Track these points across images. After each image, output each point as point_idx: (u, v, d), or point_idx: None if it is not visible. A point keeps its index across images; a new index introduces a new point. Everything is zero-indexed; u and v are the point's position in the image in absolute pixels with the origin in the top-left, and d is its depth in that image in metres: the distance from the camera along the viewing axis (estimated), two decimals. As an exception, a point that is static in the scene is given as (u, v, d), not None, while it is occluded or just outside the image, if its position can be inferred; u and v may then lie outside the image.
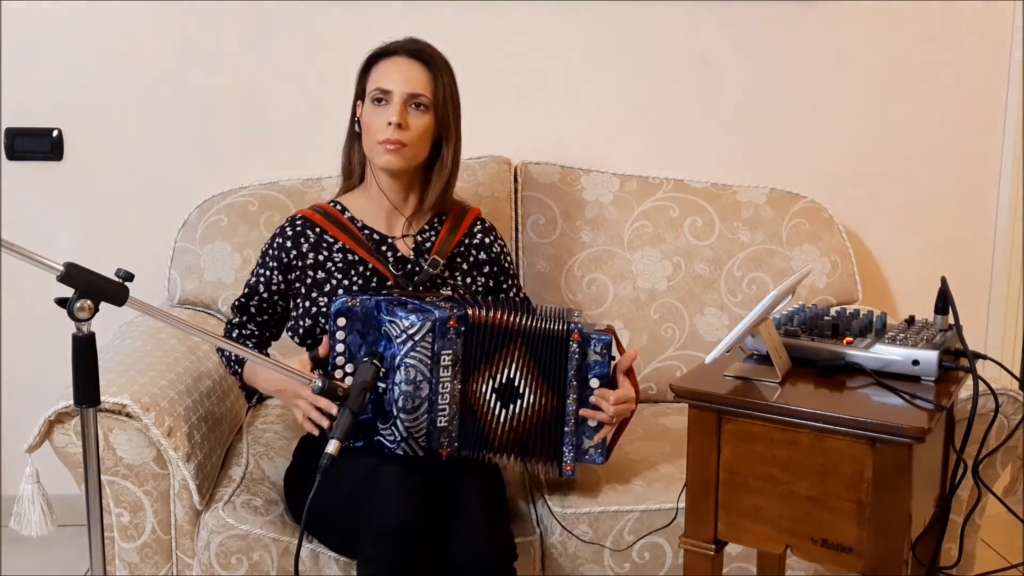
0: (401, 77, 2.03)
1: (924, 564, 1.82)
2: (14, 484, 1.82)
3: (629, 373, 2.03)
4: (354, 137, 2.13)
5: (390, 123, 2.00)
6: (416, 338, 1.88)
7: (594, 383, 1.98)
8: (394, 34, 2.10)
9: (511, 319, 1.95)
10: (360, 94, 2.10)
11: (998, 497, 1.86)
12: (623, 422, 2.04)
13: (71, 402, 1.72)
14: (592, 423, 2.00)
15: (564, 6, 2.79)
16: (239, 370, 2.08)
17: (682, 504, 1.75)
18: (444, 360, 1.91)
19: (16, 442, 2.13)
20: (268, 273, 2.09)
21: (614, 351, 2.00)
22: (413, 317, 1.88)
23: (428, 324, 1.89)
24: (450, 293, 2.07)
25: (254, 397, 2.16)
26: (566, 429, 1.99)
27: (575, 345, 1.97)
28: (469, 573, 1.84)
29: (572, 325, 1.97)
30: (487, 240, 2.19)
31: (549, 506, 2.10)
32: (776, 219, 2.70)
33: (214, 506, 2.04)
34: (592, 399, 1.99)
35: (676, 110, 2.87)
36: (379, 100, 2.03)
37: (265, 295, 2.10)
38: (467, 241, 2.16)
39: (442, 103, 2.05)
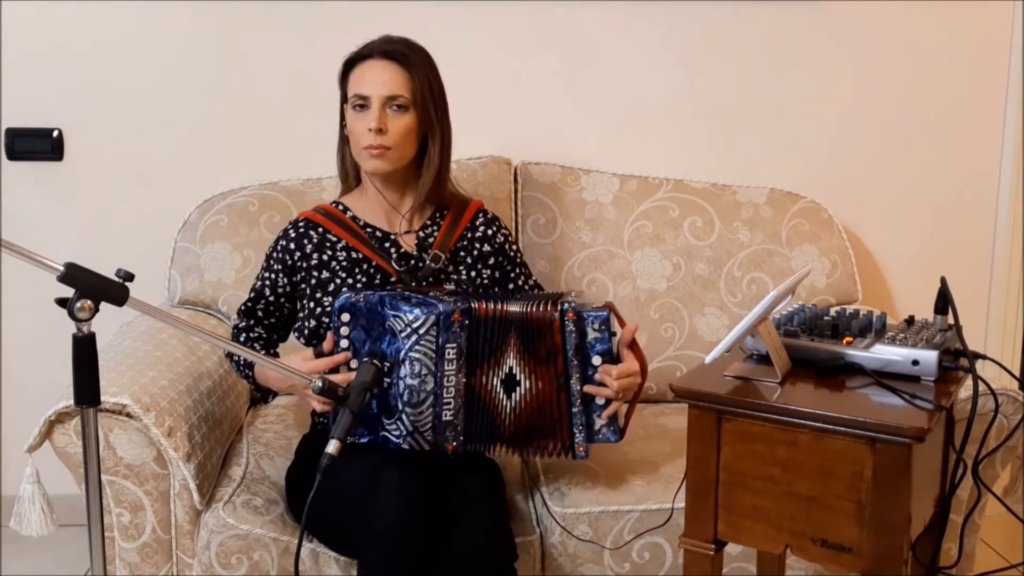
0: (377, 80, 2.02)
1: (924, 564, 1.82)
2: (14, 484, 1.82)
3: (634, 347, 2.02)
4: (344, 140, 2.14)
5: (371, 129, 2.00)
6: (420, 332, 1.89)
7: (596, 360, 1.97)
8: (394, 33, 2.10)
9: (507, 308, 1.95)
10: (344, 98, 2.10)
11: (998, 497, 1.86)
12: (633, 397, 2.03)
13: (71, 402, 1.73)
14: (600, 401, 1.99)
15: (564, 6, 2.79)
16: (250, 373, 2.08)
17: (678, 504, 1.75)
18: (449, 353, 1.91)
19: (16, 442, 2.13)
20: (273, 276, 2.09)
21: (615, 327, 1.99)
22: (417, 311, 1.89)
23: (432, 318, 1.89)
24: (453, 287, 2.08)
25: (269, 396, 2.17)
26: (574, 410, 1.98)
27: (571, 324, 1.95)
28: (469, 573, 1.84)
29: (567, 305, 1.95)
30: (489, 231, 2.19)
31: (549, 506, 2.10)
32: (776, 219, 2.70)
33: (214, 506, 2.04)
34: (596, 376, 1.98)
35: (676, 110, 2.87)
36: (359, 106, 2.03)
37: (272, 298, 2.10)
38: (469, 234, 2.16)
39: (421, 100, 2.03)
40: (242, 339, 2.11)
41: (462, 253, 2.15)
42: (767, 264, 2.66)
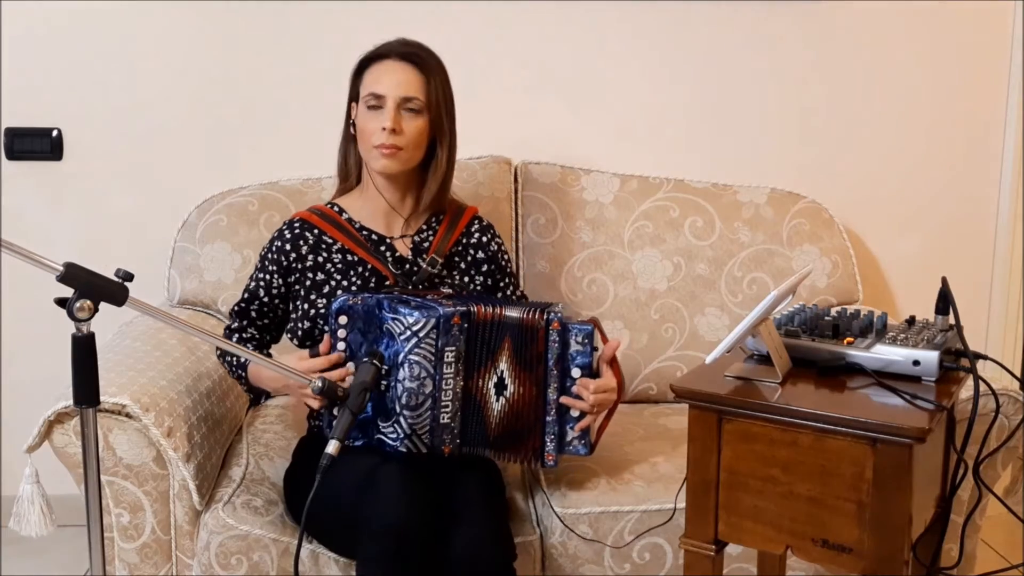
0: (394, 81, 2.03)
1: (925, 564, 1.82)
2: (14, 484, 1.82)
3: (613, 364, 2.03)
4: (349, 139, 2.13)
5: (385, 128, 2.00)
6: (421, 335, 1.88)
7: (576, 373, 1.98)
8: (395, 33, 2.10)
9: (502, 313, 1.96)
10: (354, 96, 2.10)
11: (999, 497, 1.86)
12: (608, 413, 2.04)
13: (71, 402, 1.72)
14: (574, 413, 2.00)
15: (564, 6, 2.79)
16: (243, 374, 2.08)
17: (680, 504, 1.75)
18: (448, 356, 1.91)
19: (16, 442, 2.13)
20: (268, 277, 2.09)
21: (597, 342, 2.00)
22: (417, 314, 1.88)
23: (432, 321, 1.89)
24: (450, 291, 2.07)
25: (261, 398, 2.16)
26: (548, 419, 1.99)
27: (555, 334, 1.96)
28: (469, 573, 1.84)
29: (552, 315, 1.97)
30: (484, 239, 2.19)
31: (551, 505, 2.09)
32: (776, 219, 2.70)
33: (214, 506, 2.03)
34: (573, 389, 1.98)
35: (676, 110, 2.87)
36: (373, 105, 2.03)
37: (265, 299, 2.09)
38: (464, 240, 2.17)
39: (435, 104, 2.05)
40: (234, 340, 2.10)
41: (456, 259, 2.15)
42: (768, 264, 2.66)
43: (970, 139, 2.95)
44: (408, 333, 1.88)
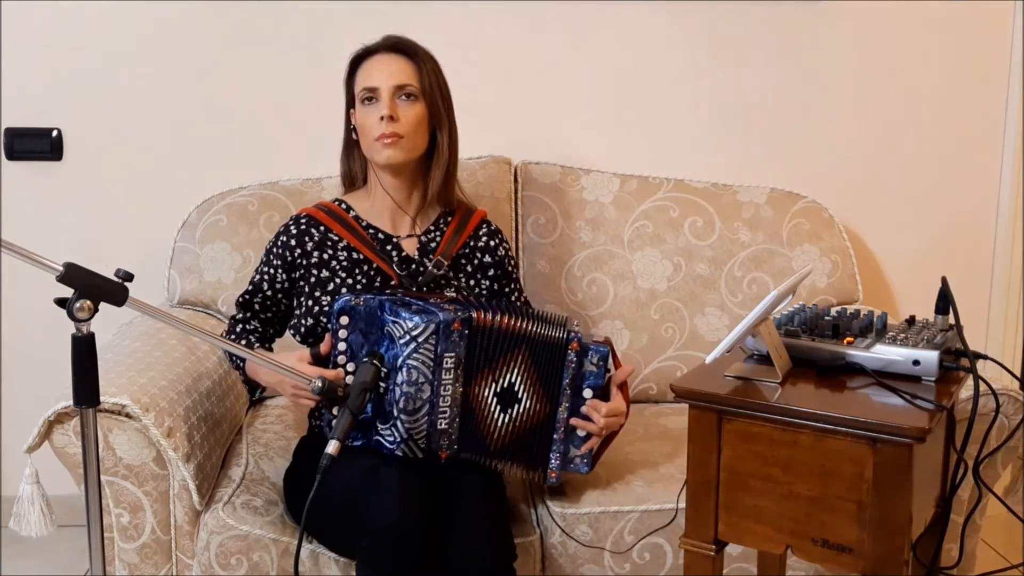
0: (385, 72, 2.03)
1: (925, 564, 1.82)
2: (14, 484, 1.82)
3: (622, 386, 2.04)
4: (351, 144, 2.14)
5: (382, 117, 2.00)
6: (419, 340, 1.88)
7: (587, 393, 1.99)
8: (394, 32, 2.10)
9: (516, 323, 1.95)
10: (350, 100, 2.10)
11: (999, 497, 1.86)
12: (610, 434, 2.05)
13: (71, 402, 1.72)
14: (581, 433, 2.00)
15: (564, 6, 2.79)
16: (242, 364, 2.08)
17: (682, 504, 1.75)
18: (447, 362, 1.90)
19: (16, 442, 2.13)
20: (272, 271, 2.09)
21: (610, 363, 2.01)
22: (417, 318, 1.88)
23: (432, 326, 1.88)
24: (454, 295, 2.07)
25: (257, 391, 2.16)
26: (555, 436, 2.00)
27: (573, 354, 1.97)
28: (469, 574, 1.84)
29: (572, 334, 1.98)
30: (492, 243, 2.18)
31: (549, 507, 2.09)
32: (776, 219, 2.70)
33: (214, 506, 2.03)
34: (584, 409, 1.99)
35: (676, 110, 2.87)
36: (368, 99, 2.04)
37: (269, 293, 2.10)
38: (472, 243, 2.16)
39: (430, 90, 2.05)
40: (238, 329, 2.10)
41: (463, 261, 2.14)
42: (768, 264, 2.66)
43: (970, 139, 2.95)
44: (407, 338, 1.88)
